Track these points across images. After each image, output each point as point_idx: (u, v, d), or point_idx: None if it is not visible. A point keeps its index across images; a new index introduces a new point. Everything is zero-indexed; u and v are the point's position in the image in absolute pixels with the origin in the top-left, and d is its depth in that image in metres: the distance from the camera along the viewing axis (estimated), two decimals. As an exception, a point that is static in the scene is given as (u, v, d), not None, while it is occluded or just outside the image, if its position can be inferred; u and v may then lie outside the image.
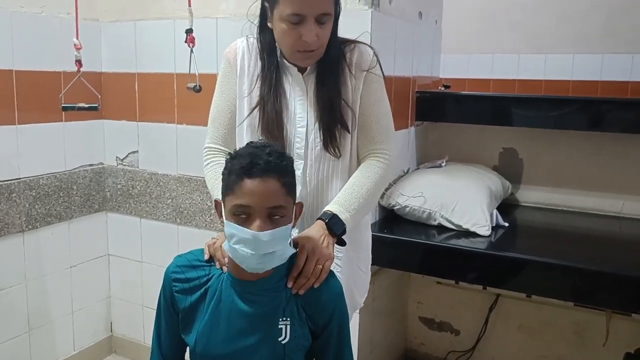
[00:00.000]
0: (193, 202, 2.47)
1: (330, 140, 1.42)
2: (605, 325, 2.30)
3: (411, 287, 2.75)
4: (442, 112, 2.54)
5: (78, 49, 1.96)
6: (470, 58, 3.71)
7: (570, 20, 3.39)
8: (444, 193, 2.18)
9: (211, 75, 1.80)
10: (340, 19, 1.42)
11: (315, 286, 1.24)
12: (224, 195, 1.17)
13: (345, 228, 1.36)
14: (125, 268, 2.72)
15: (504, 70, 3.62)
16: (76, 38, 1.95)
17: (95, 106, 2.09)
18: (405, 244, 2.08)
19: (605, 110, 2.22)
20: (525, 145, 2.54)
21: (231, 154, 1.20)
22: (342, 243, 1.38)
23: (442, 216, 2.14)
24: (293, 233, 1.43)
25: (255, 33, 1.47)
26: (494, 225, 2.13)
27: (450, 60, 3.13)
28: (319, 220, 1.35)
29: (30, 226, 2.35)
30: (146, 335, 2.68)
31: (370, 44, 1.51)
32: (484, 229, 2.06)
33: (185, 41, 1.92)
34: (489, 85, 3.65)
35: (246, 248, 1.12)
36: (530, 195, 2.54)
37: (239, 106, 1.48)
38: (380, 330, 2.44)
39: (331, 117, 1.41)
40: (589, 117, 2.25)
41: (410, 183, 2.28)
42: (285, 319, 1.21)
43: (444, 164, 2.48)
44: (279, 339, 1.21)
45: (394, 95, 2.15)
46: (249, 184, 1.12)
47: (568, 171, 2.46)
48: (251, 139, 1.43)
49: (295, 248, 1.29)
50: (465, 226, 2.09)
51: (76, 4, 1.98)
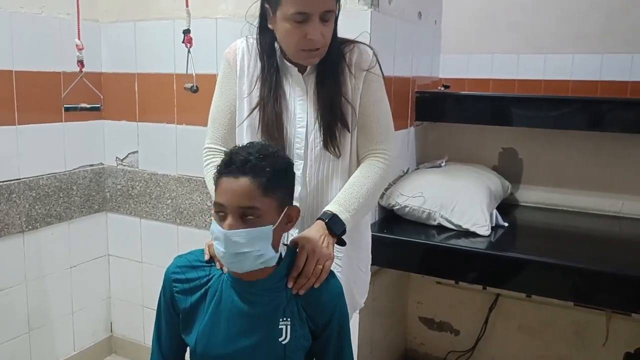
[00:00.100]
0: (193, 203, 2.47)
1: (330, 139, 1.42)
2: (605, 325, 2.30)
3: (411, 287, 2.75)
4: (442, 112, 2.54)
5: (80, 50, 1.95)
6: (469, 58, 3.70)
7: (570, 20, 3.39)
8: (443, 193, 2.18)
9: (211, 76, 1.81)
10: (340, 19, 1.42)
11: (316, 286, 1.24)
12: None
13: (345, 228, 1.36)
14: (125, 268, 2.72)
15: (504, 70, 3.62)
16: (78, 39, 1.95)
17: (98, 106, 2.09)
18: (405, 244, 2.08)
19: (604, 110, 2.22)
20: (524, 145, 2.54)
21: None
22: (342, 243, 1.38)
23: (442, 216, 2.14)
24: (293, 233, 1.43)
25: (254, 34, 1.47)
26: (493, 225, 2.13)
27: (449, 60, 3.13)
28: (319, 221, 1.35)
29: (30, 226, 2.35)
30: (146, 336, 2.68)
31: (369, 44, 1.51)
32: (484, 229, 2.06)
33: (183, 41, 1.92)
34: (489, 85, 3.65)
35: (219, 246, 1.15)
36: (530, 195, 2.54)
37: (239, 107, 1.48)
38: (380, 330, 2.44)
39: (332, 116, 1.42)
40: (588, 117, 2.25)
41: (409, 183, 2.28)
42: (285, 319, 1.21)
43: (443, 164, 2.48)
44: (279, 339, 1.21)
45: (394, 95, 2.15)
46: (224, 182, 1.14)
47: (568, 171, 2.46)
48: (251, 139, 1.44)
49: (295, 248, 1.29)
50: (465, 226, 2.09)
51: (78, 5, 1.98)
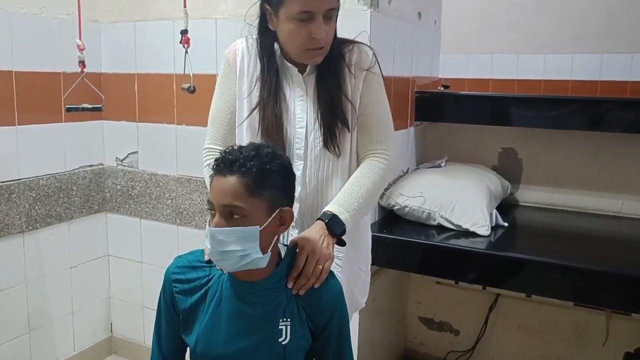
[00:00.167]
0: (193, 203, 2.47)
1: (330, 138, 1.42)
2: (605, 325, 2.30)
3: (411, 287, 2.75)
4: (442, 112, 2.54)
5: (81, 50, 1.95)
6: (469, 58, 3.71)
7: (570, 20, 3.39)
8: (443, 193, 2.18)
9: (211, 76, 1.81)
10: (340, 19, 1.42)
11: (316, 286, 1.24)
12: None
13: (345, 228, 1.36)
14: (125, 269, 2.72)
15: (503, 70, 3.63)
16: (79, 39, 1.95)
17: (99, 107, 2.09)
18: (405, 244, 2.08)
19: (604, 110, 2.22)
20: (524, 145, 2.54)
21: None
22: (342, 243, 1.38)
23: (442, 216, 2.14)
24: (293, 233, 1.43)
25: (254, 34, 1.47)
26: (493, 225, 2.13)
27: (449, 60, 3.13)
28: (319, 221, 1.35)
29: (30, 227, 2.35)
30: (146, 336, 2.68)
31: (369, 44, 1.51)
32: (484, 229, 2.06)
33: (180, 42, 1.92)
34: (488, 85, 3.65)
35: (207, 243, 1.16)
36: (530, 195, 2.54)
37: (239, 107, 1.48)
38: (380, 331, 2.45)
39: (332, 115, 1.42)
40: (588, 117, 2.25)
41: (409, 183, 2.28)
42: (285, 319, 1.22)
43: (443, 164, 2.48)
44: (279, 339, 1.21)
45: (393, 95, 2.15)
46: (214, 180, 1.16)
47: (567, 171, 2.46)
48: (251, 139, 1.44)
49: (294, 249, 1.29)
50: (464, 226, 2.09)
51: (79, 5, 1.97)
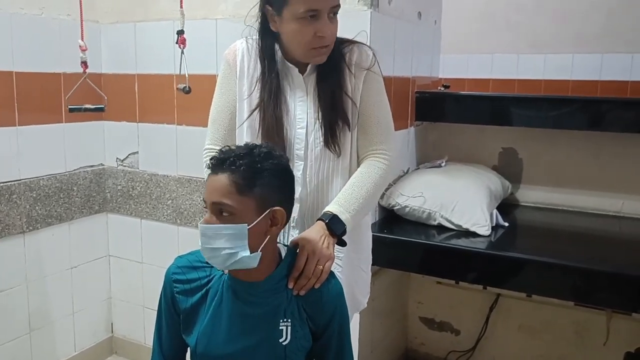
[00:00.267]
0: (193, 203, 2.47)
1: (331, 137, 1.42)
2: (606, 325, 2.30)
3: (411, 287, 2.75)
4: (442, 112, 2.54)
5: (83, 51, 1.94)
6: (469, 58, 3.70)
7: (570, 20, 3.39)
8: (443, 193, 2.18)
9: (211, 77, 1.81)
10: (340, 19, 1.41)
11: (316, 287, 1.24)
12: None
13: (345, 228, 1.36)
14: (126, 269, 2.72)
15: (504, 70, 3.62)
16: (81, 39, 1.95)
17: (102, 107, 2.09)
18: (405, 244, 2.08)
19: (604, 110, 2.22)
20: (524, 145, 2.54)
21: None
22: (343, 243, 1.38)
23: (442, 216, 2.14)
24: (294, 234, 1.43)
25: (254, 34, 1.47)
26: (493, 225, 2.13)
27: (449, 60, 3.13)
28: (319, 221, 1.35)
29: (30, 227, 2.36)
30: (147, 336, 2.68)
31: (368, 44, 1.51)
32: (484, 229, 2.06)
33: (176, 42, 1.92)
34: (489, 85, 3.65)
35: (200, 239, 1.17)
36: (530, 195, 2.54)
37: (239, 108, 1.48)
38: (380, 331, 2.45)
39: (333, 113, 1.42)
40: (588, 117, 2.25)
41: (410, 183, 2.28)
42: (286, 320, 1.22)
43: (443, 164, 2.48)
44: (280, 340, 1.21)
45: (394, 95, 2.15)
46: (208, 178, 1.18)
47: (568, 171, 2.46)
48: (251, 140, 1.44)
49: (295, 249, 1.29)
50: (465, 226, 2.09)
51: (80, 6, 1.97)
